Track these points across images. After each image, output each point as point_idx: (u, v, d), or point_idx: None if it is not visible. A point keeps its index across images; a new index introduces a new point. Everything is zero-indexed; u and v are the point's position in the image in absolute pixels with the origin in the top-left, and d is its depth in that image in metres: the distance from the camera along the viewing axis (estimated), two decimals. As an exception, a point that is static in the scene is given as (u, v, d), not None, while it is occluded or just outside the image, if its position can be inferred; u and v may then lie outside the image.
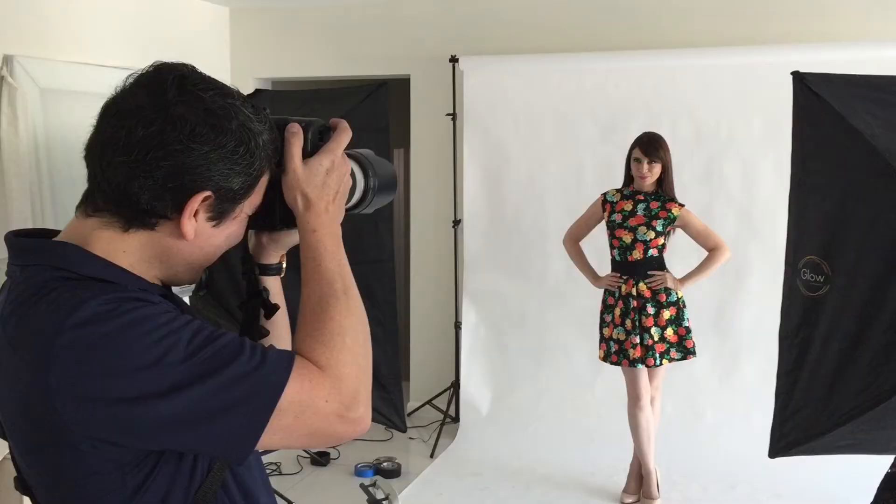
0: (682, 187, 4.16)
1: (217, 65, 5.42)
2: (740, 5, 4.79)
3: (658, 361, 3.94)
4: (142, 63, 1.09)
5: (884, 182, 2.76)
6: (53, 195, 4.01)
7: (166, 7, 5.04)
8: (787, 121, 3.40)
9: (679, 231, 4.02)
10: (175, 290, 1.17)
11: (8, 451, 1.13)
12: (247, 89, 4.81)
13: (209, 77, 1.08)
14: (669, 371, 4.18)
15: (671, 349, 3.97)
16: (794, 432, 3.21)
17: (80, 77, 4.18)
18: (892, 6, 4.57)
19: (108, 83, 1.08)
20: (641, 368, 3.96)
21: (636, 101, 4.80)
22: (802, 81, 3.26)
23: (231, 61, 5.66)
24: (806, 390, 3.17)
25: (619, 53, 4.88)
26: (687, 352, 3.99)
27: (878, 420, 2.84)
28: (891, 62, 4.02)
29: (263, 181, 1.12)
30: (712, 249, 3.97)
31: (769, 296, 3.94)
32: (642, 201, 3.95)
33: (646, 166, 3.87)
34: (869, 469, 4.20)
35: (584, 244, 4.20)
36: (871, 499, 2.07)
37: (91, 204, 1.07)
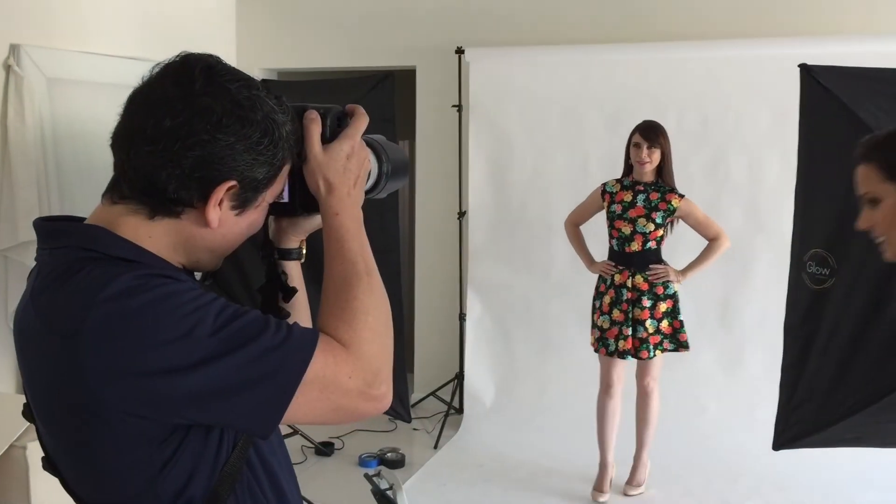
0: (688, 179, 4.14)
1: (223, 55, 5.32)
2: (748, -3, 4.77)
3: (652, 353, 3.94)
4: (147, 52, 1.10)
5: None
6: (60, 184, 4.01)
7: (172, -3, 5.03)
8: (794, 113, 3.39)
9: (683, 223, 4.01)
10: None
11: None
12: (252, 80, 4.80)
13: (234, 68, 1.10)
14: (673, 363, 4.17)
15: (665, 340, 3.96)
16: (799, 425, 3.21)
17: (87, 66, 4.18)
18: (900, -1, 4.55)
19: (114, 73, 1.09)
20: (616, 359, 3.96)
21: (642, 93, 4.78)
22: (810, 74, 3.26)
23: (237, 51, 5.65)
24: (810, 383, 3.17)
25: (625, 45, 4.87)
26: (679, 344, 3.99)
27: (882, 413, 2.84)
28: (898, 55, 4.00)
29: (285, 170, 1.14)
30: (713, 239, 3.96)
31: (774, 288, 3.93)
32: (642, 192, 3.93)
33: (645, 151, 3.84)
34: (873, 462, 4.21)
35: (585, 232, 4.19)
36: (874, 491, 2.08)
37: (117, 191, 1.09)
